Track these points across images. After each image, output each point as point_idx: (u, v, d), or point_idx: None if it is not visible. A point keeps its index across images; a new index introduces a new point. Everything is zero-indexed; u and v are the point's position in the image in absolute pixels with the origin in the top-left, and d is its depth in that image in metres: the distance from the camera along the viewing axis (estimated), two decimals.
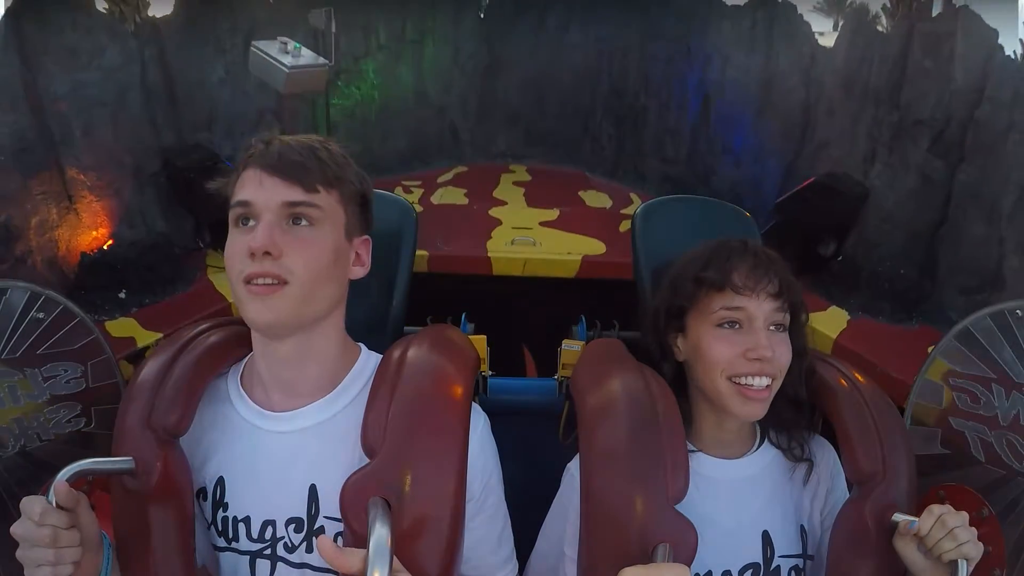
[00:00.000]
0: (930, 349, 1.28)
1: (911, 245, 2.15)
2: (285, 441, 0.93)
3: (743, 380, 0.96)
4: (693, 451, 1.01)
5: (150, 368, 0.95)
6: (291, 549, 0.91)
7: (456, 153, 3.60)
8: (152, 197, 2.17)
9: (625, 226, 2.62)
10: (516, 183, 3.18)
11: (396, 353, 0.96)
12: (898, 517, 0.90)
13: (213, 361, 0.98)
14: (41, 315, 1.22)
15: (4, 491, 1.20)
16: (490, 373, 1.60)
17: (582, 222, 2.70)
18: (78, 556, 0.80)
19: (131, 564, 0.88)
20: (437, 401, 0.90)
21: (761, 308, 0.98)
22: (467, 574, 0.99)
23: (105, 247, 1.99)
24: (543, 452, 1.38)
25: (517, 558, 1.06)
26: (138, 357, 1.64)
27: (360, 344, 1.03)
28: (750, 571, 0.99)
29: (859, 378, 1.07)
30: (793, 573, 1.00)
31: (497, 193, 3.04)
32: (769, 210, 2.52)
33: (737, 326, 0.98)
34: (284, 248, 0.85)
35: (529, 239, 2.50)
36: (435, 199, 2.94)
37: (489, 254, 2.39)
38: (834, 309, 2.08)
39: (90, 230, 1.98)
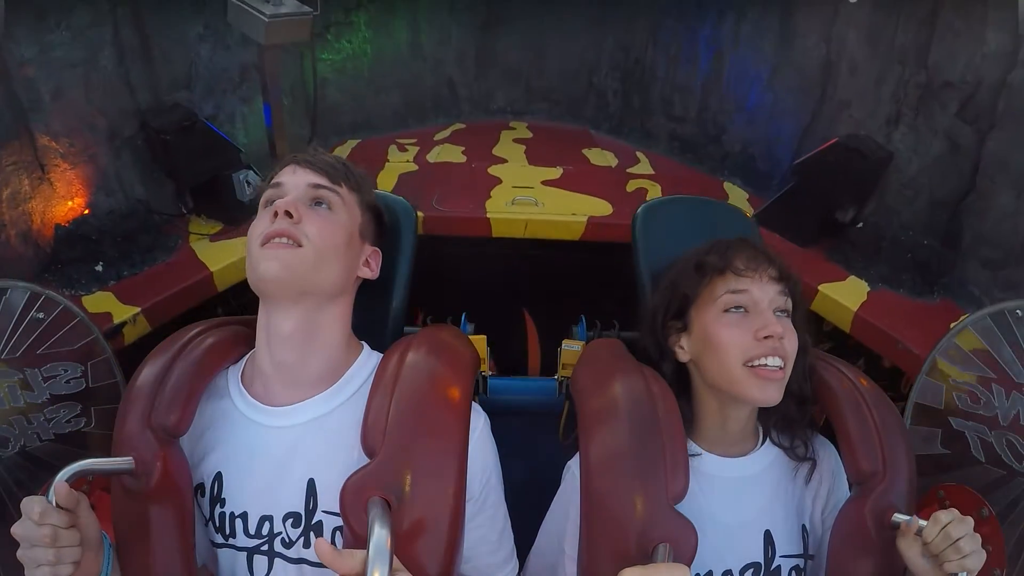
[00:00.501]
0: (955, 328, 1.27)
1: (934, 214, 2.02)
2: (283, 436, 0.93)
3: (758, 362, 0.95)
4: (696, 453, 1.01)
5: (150, 368, 0.95)
6: (288, 544, 0.91)
7: (454, 110, 3.39)
8: (129, 162, 2.04)
9: (632, 186, 2.53)
10: (517, 140, 3.02)
11: (396, 353, 0.96)
12: (898, 517, 0.90)
13: (213, 361, 0.98)
14: (41, 315, 1.23)
15: (4, 491, 1.20)
16: (490, 373, 1.60)
17: (587, 181, 2.55)
18: (78, 556, 0.80)
19: (131, 564, 0.88)
20: (437, 401, 0.90)
21: (765, 291, 0.98)
22: (467, 574, 1.00)
23: (79, 217, 1.89)
24: (543, 452, 1.38)
25: (517, 558, 1.07)
26: (115, 333, 1.57)
27: (363, 343, 1.04)
28: (751, 570, 0.99)
29: (860, 379, 1.07)
30: (794, 573, 1.00)
31: (497, 151, 2.86)
32: (786, 171, 2.39)
33: (743, 311, 0.98)
34: (304, 217, 0.92)
35: (531, 199, 2.36)
36: (431, 157, 2.77)
37: (488, 215, 2.26)
38: (853, 279, 1.95)
39: (65, 200, 1.86)
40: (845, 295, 1.88)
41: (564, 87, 3.45)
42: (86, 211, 1.92)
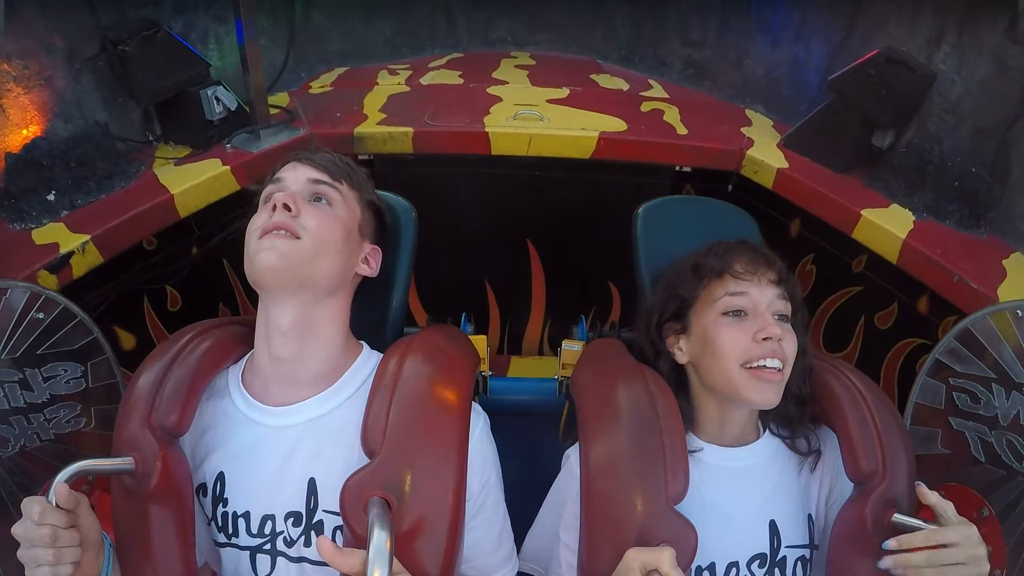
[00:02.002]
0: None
1: (979, 144, 1.82)
2: (284, 435, 0.93)
3: (757, 363, 0.95)
4: (697, 448, 1.01)
5: (150, 368, 0.95)
6: (290, 544, 0.92)
7: (450, 39, 3.13)
8: (91, 86, 1.85)
9: (647, 107, 2.30)
10: (519, 67, 2.76)
11: (396, 353, 0.96)
12: (898, 518, 0.90)
13: (212, 361, 0.98)
14: (41, 315, 1.23)
15: (4, 491, 1.20)
16: (490, 373, 1.60)
17: (596, 101, 2.30)
18: (78, 556, 0.80)
19: (131, 564, 0.88)
20: (437, 401, 0.90)
21: (764, 294, 0.98)
22: (467, 573, 1.00)
23: (29, 142, 1.69)
24: (543, 452, 1.38)
25: (517, 555, 1.07)
26: (61, 266, 1.43)
27: (362, 342, 1.04)
28: (757, 562, 0.99)
29: (860, 379, 1.06)
30: (799, 564, 1.00)
31: (497, 75, 2.62)
32: (815, 96, 2.21)
33: (742, 313, 0.98)
34: (303, 211, 0.93)
35: (535, 113, 2.11)
36: (425, 80, 2.55)
37: (487, 129, 2.02)
38: (896, 207, 1.76)
39: (19, 128, 1.69)
40: (891, 222, 1.70)
41: (569, 14, 3.16)
42: (37, 134, 1.72)
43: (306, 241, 0.91)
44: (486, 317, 2.55)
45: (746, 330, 0.96)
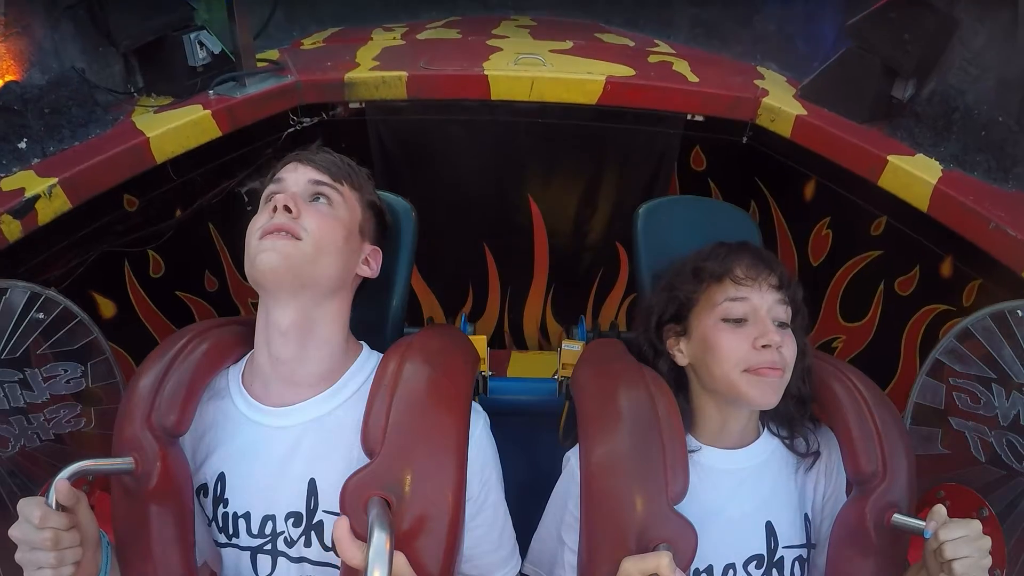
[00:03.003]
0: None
1: (1003, 96, 1.74)
2: (284, 436, 0.93)
3: (756, 368, 0.95)
4: (695, 448, 1.01)
5: (150, 369, 0.95)
6: (291, 543, 0.92)
7: (447, 4, 3.00)
8: (70, 34, 1.77)
9: (655, 58, 2.19)
10: (520, 26, 2.64)
11: (396, 353, 0.96)
12: (898, 518, 0.90)
13: (212, 361, 0.98)
14: (41, 315, 1.23)
15: (4, 491, 1.20)
16: (490, 373, 1.60)
17: (602, 53, 2.18)
18: (79, 557, 0.80)
19: (131, 564, 0.88)
20: (437, 402, 0.90)
21: (764, 299, 0.98)
22: (468, 573, 1.00)
23: (1, 88, 1.61)
24: (543, 452, 1.38)
25: (519, 555, 1.07)
26: (26, 211, 1.35)
27: (362, 343, 1.04)
28: (754, 563, 0.99)
29: (859, 380, 1.06)
30: (796, 564, 1.01)
31: (497, 32, 2.50)
32: (830, 48, 2.10)
33: (743, 320, 0.98)
34: (303, 211, 0.93)
35: (538, 58, 1.98)
36: (421, 36, 2.45)
37: (487, 72, 1.90)
38: (922, 157, 1.66)
39: None
40: (919, 168, 1.60)
41: None
42: (9, 78, 1.63)
43: (307, 242, 0.91)
44: (485, 284, 2.41)
45: (746, 336, 0.96)
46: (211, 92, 1.83)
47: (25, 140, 1.56)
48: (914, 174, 1.57)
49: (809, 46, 2.32)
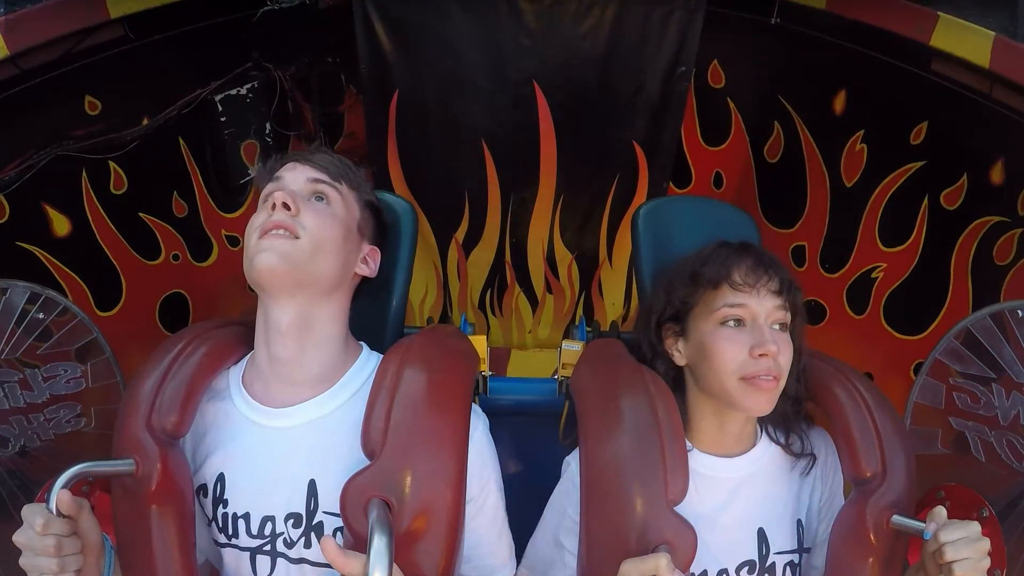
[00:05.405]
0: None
1: None
2: (284, 437, 0.93)
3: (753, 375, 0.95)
4: (691, 450, 1.01)
5: (150, 370, 0.95)
6: (290, 545, 0.92)
7: None
8: None
9: None
10: None
11: (396, 354, 0.96)
12: (898, 519, 0.90)
13: (212, 362, 0.98)
14: (41, 315, 1.23)
15: (4, 491, 1.20)
16: (490, 373, 1.60)
17: None
18: (81, 562, 0.80)
19: (132, 565, 0.88)
20: (437, 403, 0.90)
21: (763, 305, 0.97)
22: (467, 574, 1.00)
23: None
24: (543, 452, 1.38)
25: (516, 557, 1.07)
26: None
27: (362, 343, 1.03)
28: (746, 568, 0.99)
29: (860, 381, 1.06)
30: (788, 569, 1.01)
31: None
32: None
33: (741, 324, 0.98)
34: (302, 210, 0.93)
35: None
36: None
37: None
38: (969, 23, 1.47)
39: None
40: (971, 26, 1.42)
41: None
42: None
43: (305, 240, 0.91)
44: (484, 194, 2.12)
45: (743, 343, 0.96)
46: None
47: None
48: (970, 26, 1.38)
49: None
